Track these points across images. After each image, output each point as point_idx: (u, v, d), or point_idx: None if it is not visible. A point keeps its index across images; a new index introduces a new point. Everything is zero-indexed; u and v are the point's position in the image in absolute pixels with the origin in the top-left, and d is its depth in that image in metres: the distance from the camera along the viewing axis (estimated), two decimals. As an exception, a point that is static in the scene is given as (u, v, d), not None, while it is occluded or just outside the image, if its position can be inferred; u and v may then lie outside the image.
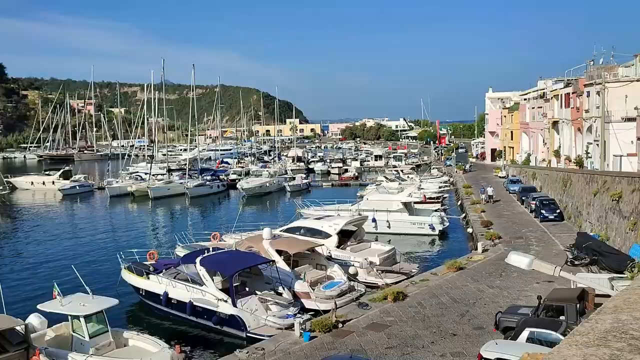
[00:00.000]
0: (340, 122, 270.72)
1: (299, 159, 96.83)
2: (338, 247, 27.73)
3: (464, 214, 43.57)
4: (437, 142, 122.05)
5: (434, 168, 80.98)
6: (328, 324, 18.35)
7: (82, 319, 16.58)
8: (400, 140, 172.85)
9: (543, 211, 37.51)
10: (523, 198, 44.65)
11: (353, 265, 25.72)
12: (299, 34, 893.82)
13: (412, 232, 38.00)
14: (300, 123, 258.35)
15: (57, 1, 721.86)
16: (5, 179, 67.26)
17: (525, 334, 14.71)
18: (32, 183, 75.62)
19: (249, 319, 19.56)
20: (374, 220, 37.12)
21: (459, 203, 51.16)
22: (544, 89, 67.89)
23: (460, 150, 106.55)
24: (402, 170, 73.65)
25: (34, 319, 17.66)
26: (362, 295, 23.01)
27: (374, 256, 26.63)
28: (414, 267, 27.60)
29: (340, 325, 18.70)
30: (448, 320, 19.10)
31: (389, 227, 38.16)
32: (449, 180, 66.42)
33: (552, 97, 61.83)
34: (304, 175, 76.09)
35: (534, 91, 74.22)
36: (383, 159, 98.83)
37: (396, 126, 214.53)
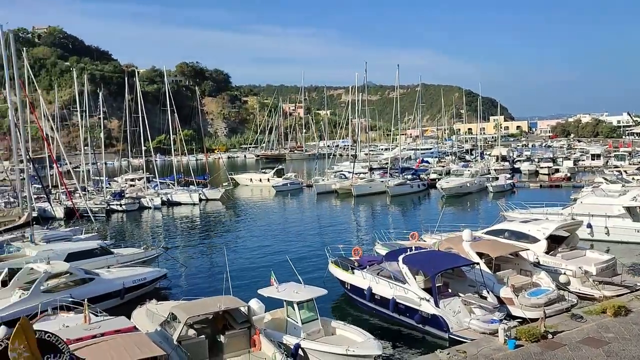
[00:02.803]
0: (551, 118, 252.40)
1: (503, 158, 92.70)
2: (547, 253, 25.93)
3: None
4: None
5: (666, 169, 70.83)
6: (536, 333, 17.30)
7: (295, 306, 18.05)
8: (623, 137, 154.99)
9: None
10: None
11: (564, 273, 23.80)
12: (500, 27, 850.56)
13: (637, 240, 33.91)
14: (505, 120, 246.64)
15: (269, 14, 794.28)
16: (230, 176, 76.44)
17: None
18: (250, 180, 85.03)
19: (451, 320, 19.36)
20: (589, 225, 33.97)
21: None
22: None
23: None
24: (625, 171, 66.04)
25: (254, 303, 19.58)
26: (575, 306, 21.16)
27: (590, 265, 24.33)
28: (639, 280, 24.55)
29: (549, 336, 17.49)
30: (683, 344, 16.63)
31: (607, 234, 34.63)
32: (688, 183, 57.56)
33: None
34: (508, 175, 72.77)
35: None
36: (602, 158, 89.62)
37: (618, 121, 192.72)
